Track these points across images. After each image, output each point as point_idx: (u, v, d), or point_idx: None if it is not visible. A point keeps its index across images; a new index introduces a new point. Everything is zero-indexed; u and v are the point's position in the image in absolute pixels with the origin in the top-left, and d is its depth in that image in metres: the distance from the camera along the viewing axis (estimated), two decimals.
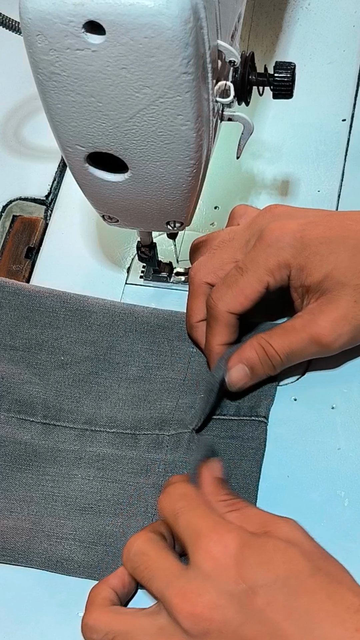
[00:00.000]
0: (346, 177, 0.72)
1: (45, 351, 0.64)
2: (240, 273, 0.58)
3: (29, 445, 0.61)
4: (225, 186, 0.72)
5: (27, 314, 0.65)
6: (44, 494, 0.60)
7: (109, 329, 0.65)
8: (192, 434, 0.61)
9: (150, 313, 0.65)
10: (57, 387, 0.63)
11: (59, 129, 0.50)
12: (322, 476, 0.60)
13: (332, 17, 0.80)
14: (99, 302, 0.65)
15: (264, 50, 0.78)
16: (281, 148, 0.74)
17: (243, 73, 0.55)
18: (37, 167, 0.75)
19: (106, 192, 0.54)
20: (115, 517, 0.59)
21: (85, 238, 0.71)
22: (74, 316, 0.65)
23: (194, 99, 0.47)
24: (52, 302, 0.65)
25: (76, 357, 0.64)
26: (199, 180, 0.54)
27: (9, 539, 0.58)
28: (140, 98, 0.47)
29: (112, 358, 0.64)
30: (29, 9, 0.44)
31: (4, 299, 0.65)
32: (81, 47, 0.45)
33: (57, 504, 0.59)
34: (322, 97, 0.76)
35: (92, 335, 0.64)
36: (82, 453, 0.61)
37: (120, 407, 0.62)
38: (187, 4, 0.43)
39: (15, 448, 0.61)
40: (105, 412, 0.62)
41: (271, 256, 0.57)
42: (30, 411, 0.63)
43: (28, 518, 0.59)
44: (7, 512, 0.59)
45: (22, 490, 0.60)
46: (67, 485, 0.60)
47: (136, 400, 0.63)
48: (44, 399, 0.63)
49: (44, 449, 0.61)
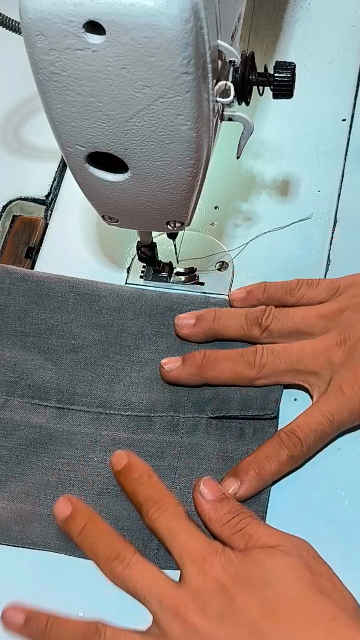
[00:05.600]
0: (346, 177, 0.72)
1: (55, 335, 0.64)
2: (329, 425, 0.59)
3: (43, 428, 0.62)
4: (225, 186, 0.72)
5: (36, 299, 0.65)
6: (61, 478, 0.60)
7: (119, 312, 0.65)
8: (209, 421, 0.61)
9: (158, 296, 0.65)
10: (70, 371, 0.64)
11: (59, 129, 0.50)
12: (322, 476, 0.60)
13: (332, 17, 0.80)
14: (107, 286, 0.66)
15: (264, 50, 0.78)
16: (281, 148, 0.74)
17: (243, 73, 0.55)
18: (37, 167, 0.75)
19: (106, 192, 0.54)
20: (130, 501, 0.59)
21: (85, 238, 0.71)
22: (83, 300, 0.65)
23: (194, 99, 0.47)
24: (60, 287, 0.66)
25: (87, 341, 0.64)
26: (199, 180, 0.54)
27: (28, 524, 0.59)
28: (140, 98, 0.47)
29: (123, 341, 0.64)
30: (29, 9, 0.44)
31: (13, 285, 0.66)
32: (81, 47, 0.45)
33: (74, 488, 0.60)
34: (322, 97, 0.76)
35: (102, 319, 0.65)
36: (97, 436, 0.61)
37: (133, 390, 0.63)
38: (187, 4, 0.43)
39: (30, 432, 0.62)
40: (118, 395, 0.63)
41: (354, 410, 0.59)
42: (44, 396, 0.63)
43: (45, 503, 0.59)
44: (24, 495, 0.60)
45: (38, 474, 0.60)
46: (83, 469, 0.60)
47: (149, 383, 0.63)
48: (57, 384, 0.63)
49: (59, 432, 0.62)
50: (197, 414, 0.61)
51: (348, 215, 0.70)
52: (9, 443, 0.61)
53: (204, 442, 0.61)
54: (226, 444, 0.60)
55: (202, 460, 0.60)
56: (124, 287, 0.66)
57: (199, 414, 0.61)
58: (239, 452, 0.60)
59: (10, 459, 0.61)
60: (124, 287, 0.66)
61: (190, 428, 0.61)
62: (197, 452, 0.60)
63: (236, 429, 0.61)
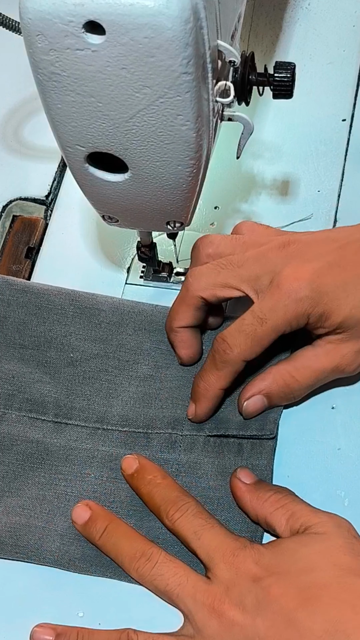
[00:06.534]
0: (346, 177, 0.72)
1: (54, 348, 0.64)
2: (260, 323, 0.57)
3: (40, 443, 0.61)
4: (225, 186, 0.72)
5: (36, 311, 0.65)
6: (57, 493, 0.60)
7: (118, 327, 0.64)
8: (207, 439, 0.61)
9: (158, 312, 0.65)
10: (68, 385, 0.63)
11: (59, 129, 0.50)
12: (322, 476, 0.60)
13: (332, 17, 0.80)
14: (107, 299, 0.65)
15: (264, 50, 0.78)
16: (281, 148, 0.74)
17: (243, 73, 0.55)
18: (37, 167, 0.75)
19: (106, 192, 0.54)
20: (128, 519, 0.58)
21: (85, 238, 0.71)
22: (83, 314, 0.65)
23: (194, 99, 0.47)
24: (60, 300, 0.65)
25: (86, 355, 0.64)
26: (199, 180, 0.54)
27: (22, 536, 0.58)
28: (140, 98, 0.46)
29: (122, 356, 0.64)
30: (29, 9, 0.44)
31: (12, 297, 0.65)
32: (81, 47, 0.45)
33: (70, 504, 0.59)
34: (322, 97, 0.76)
35: (101, 333, 0.64)
36: (95, 452, 0.61)
37: (131, 406, 0.62)
38: (187, 4, 0.43)
39: (27, 447, 0.61)
40: (116, 410, 0.62)
41: (290, 308, 0.57)
42: (41, 410, 0.63)
43: (40, 516, 0.59)
44: (19, 509, 0.59)
45: (35, 489, 0.60)
46: (80, 485, 0.60)
47: (147, 399, 0.62)
48: (55, 398, 0.63)
49: (56, 447, 0.61)
50: (195, 432, 0.61)
51: (348, 215, 0.70)
52: (7, 458, 0.61)
53: (202, 460, 0.60)
54: (224, 460, 0.60)
55: (200, 478, 0.60)
56: (124, 301, 0.65)
57: (197, 432, 0.61)
58: (236, 467, 0.60)
59: (7, 474, 0.61)
60: (124, 301, 0.65)
61: (188, 446, 0.61)
62: (195, 470, 0.60)
63: (234, 445, 0.61)
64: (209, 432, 0.61)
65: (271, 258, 0.58)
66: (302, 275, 0.57)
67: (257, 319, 0.57)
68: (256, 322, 0.57)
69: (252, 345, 0.57)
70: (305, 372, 0.59)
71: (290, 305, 0.56)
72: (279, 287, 0.57)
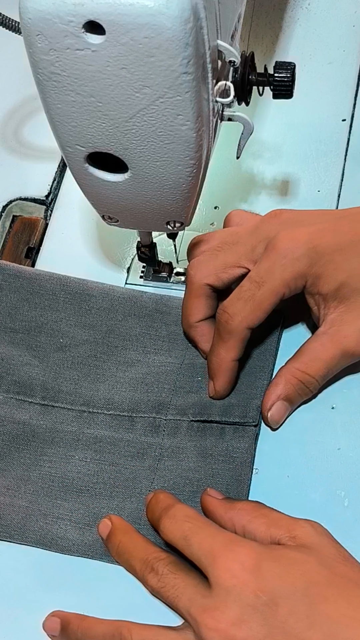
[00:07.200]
0: (346, 177, 0.72)
1: (44, 333, 0.65)
2: (257, 287, 0.57)
3: (27, 425, 0.62)
4: (225, 186, 0.72)
5: (27, 297, 0.65)
6: (42, 473, 0.61)
7: (108, 312, 0.65)
8: (190, 423, 0.61)
9: (149, 298, 0.65)
10: (56, 369, 0.64)
11: (59, 129, 0.50)
12: (322, 476, 0.60)
13: (332, 17, 0.80)
14: (98, 285, 0.66)
15: (264, 50, 0.78)
16: (281, 148, 0.74)
17: (243, 73, 0.55)
18: (37, 167, 0.75)
19: (106, 192, 0.54)
20: (111, 500, 0.59)
21: (85, 238, 0.71)
22: (74, 299, 0.65)
23: (194, 99, 0.47)
24: (52, 285, 0.66)
25: (75, 340, 0.64)
26: (199, 180, 0.54)
27: (5, 515, 0.59)
28: (140, 98, 0.47)
29: (111, 342, 0.64)
30: (29, 9, 0.44)
31: (5, 281, 0.66)
32: (81, 47, 0.45)
33: (54, 484, 0.60)
34: (322, 97, 0.76)
35: (92, 319, 0.65)
36: (80, 435, 0.62)
37: (117, 390, 0.63)
38: (187, 4, 0.43)
39: (13, 427, 0.62)
40: (102, 394, 0.63)
41: (287, 267, 0.56)
42: (29, 392, 0.63)
43: (24, 496, 0.60)
44: (3, 489, 0.60)
45: (19, 470, 0.61)
46: (65, 467, 0.61)
47: (134, 383, 0.63)
48: (43, 381, 0.63)
49: (42, 429, 0.62)
50: (178, 417, 0.62)
51: None
52: None
53: (185, 445, 0.61)
54: (206, 442, 0.61)
55: (181, 461, 0.60)
56: (115, 288, 0.66)
57: (181, 416, 0.62)
58: (217, 449, 0.60)
59: None
60: (114, 288, 0.66)
61: (172, 430, 0.61)
62: (177, 454, 0.61)
63: (217, 429, 0.61)
64: (193, 417, 0.61)
65: (264, 228, 0.59)
66: (298, 237, 0.57)
67: (254, 283, 0.57)
68: (254, 286, 0.57)
69: (253, 310, 0.57)
70: (315, 365, 0.59)
71: (287, 264, 0.56)
72: (274, 248, 0.56)
